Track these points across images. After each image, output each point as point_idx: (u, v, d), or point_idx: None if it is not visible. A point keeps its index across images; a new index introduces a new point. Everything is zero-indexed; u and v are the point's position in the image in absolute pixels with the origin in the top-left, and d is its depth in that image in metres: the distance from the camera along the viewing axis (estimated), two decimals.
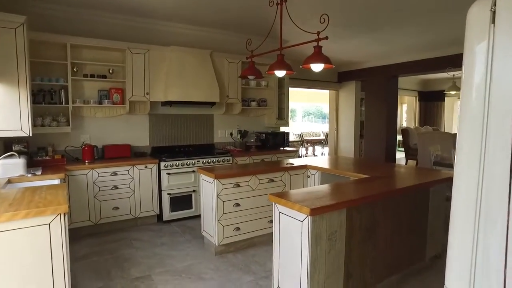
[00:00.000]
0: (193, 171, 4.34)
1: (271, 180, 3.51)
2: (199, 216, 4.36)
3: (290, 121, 7.65)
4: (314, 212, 1.97)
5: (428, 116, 11.49)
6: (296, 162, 3.94)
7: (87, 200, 3.69)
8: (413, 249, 2.87)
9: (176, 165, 4.20)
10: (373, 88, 7.90)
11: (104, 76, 4.10)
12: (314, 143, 12.88)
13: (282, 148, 5.53)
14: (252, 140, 5.35)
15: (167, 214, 4.19)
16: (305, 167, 3.75)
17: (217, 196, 3.14)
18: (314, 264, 2.04)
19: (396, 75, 7.56)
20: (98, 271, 2.93)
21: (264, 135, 5.46)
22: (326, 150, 12.66)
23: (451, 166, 4.87)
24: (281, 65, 2.86)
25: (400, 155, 9.70)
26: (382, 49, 6.14)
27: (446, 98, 11.10)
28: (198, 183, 4.37)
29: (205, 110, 5.05)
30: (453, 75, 4.89)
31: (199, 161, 4.39)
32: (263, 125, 5.80)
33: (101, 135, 4.26)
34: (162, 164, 4.12)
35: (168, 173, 4.14)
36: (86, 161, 3.82)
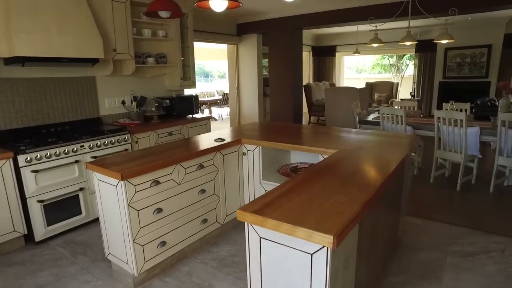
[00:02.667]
0: (76, 161, 2.98)
1: (201, 166, 2.53)
2: (93, 222, 3.11)
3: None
4: (339, 239, 1.15)
5: (321, 71, 11.72)
6: (224, 135, 3.01)
7: None
8: (393, 231, 2.40)
9: (46, 156, 2.76)
10: (277, 41, 7.28)
11: None
12: (210, 104, 11.94)
13: (191, 116, 4.47)
14: (153, 109, 4.13)
15: (41, 231, 2.80)
16: (239, 141, 2.87)
17: (128, 205, 2.02)
18: None
19: (301, 27, 7.06)
20: None
21: (168, 101, 4.28)
22: (224, 111, 11.93)
23: (375, 123, 4.69)
24: None
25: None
26: None
27: (336, 53, 11.41)
28: (87, 177, 3.05)
29: (83, 70, 3.54)
30: (375, 26, 4.58)
31: (83, 146, 3.02)
32: (164, 89, 4.57)
33: None
34: (22, 157, 2.64)
35: (35, 170, 2.70)
36: None
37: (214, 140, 2.80)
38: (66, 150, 2.89)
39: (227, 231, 2.98)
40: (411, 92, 9.92)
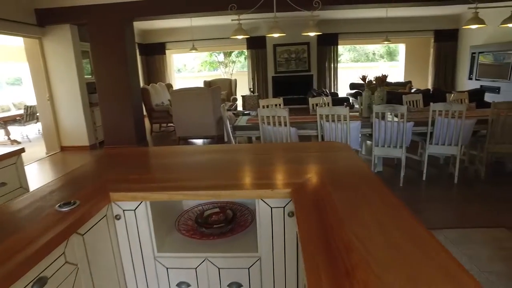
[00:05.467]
0: None
1: (41, 283, 1.17)
2: None
3: None
4: None
5: (151, 71, 10.38)
6: (69, 190, 1.65)
7: None
8: None
9: None
10: (103, 36, 5.70)
11: None
12: (6, 122, 8.78)
13: None
14: None
15: None
16: (105, 199, 1.59)
17: None
18: None
19: (132, 18, 5.71)
20: None
21: None
22: (30, 129, 9.04)
23: (252, 128, 4.04)
24: None
25: None
26: None
27: (166, 51, 10.34)
28: None
29: None
30: (239, 15, 3.90)
31: None
32: None
33: None
34: None
35: None
36: None
37: (58, 208, 1.43)
38: None
39: None
40: (250, 88, 10.03)
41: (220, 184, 1.64)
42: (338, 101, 6.84)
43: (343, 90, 10.88)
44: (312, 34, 4.18)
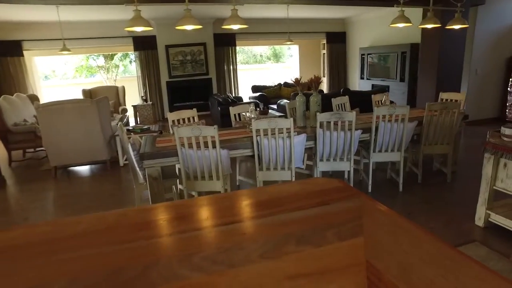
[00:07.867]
0: None
1: None
2: None
3: None
4: None
5: (2, 79, 7.92)
6: None
7: None
8: None
9: None
10: None
11: None
12: None
13: None
14: None
15: None
16: None
17: None
18: None
19: None
20: None
21: None
22: None
23: (168, 155, 2.93)
24: None
25: None
26: None
27: (25, 52, 8.04)
28: None
29: None
30: (126, 5, 2.72)
31: None
32: None
33: None
34: None
35: None
36: None
37: None
38: None
39: None
40: (142, 96, 8.58)
41: None
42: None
43: (243, 94, 10.35)
44: (236, 27, 3.34)
